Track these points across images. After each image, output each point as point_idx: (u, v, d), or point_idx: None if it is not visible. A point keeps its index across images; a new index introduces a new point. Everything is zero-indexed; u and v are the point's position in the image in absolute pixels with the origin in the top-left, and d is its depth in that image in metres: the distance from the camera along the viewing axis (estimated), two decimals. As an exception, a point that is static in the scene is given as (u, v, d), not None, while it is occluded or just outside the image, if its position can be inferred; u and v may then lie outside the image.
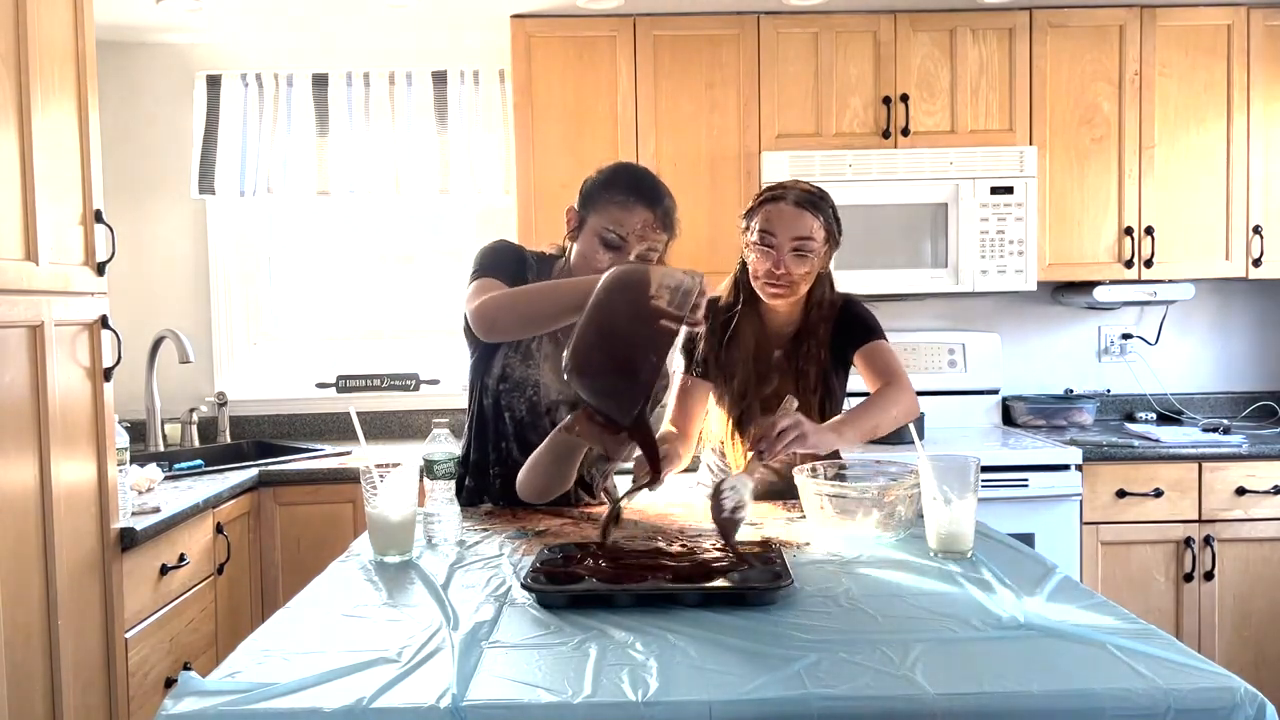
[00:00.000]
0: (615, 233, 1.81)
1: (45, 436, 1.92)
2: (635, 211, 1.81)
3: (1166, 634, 1.18)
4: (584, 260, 1.85)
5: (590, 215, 1.85)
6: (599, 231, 1.82)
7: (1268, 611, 2.99)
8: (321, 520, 2.91)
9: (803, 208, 1.92)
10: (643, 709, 1.00)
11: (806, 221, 1.92)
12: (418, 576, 1.47)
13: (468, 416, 2.02)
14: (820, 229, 1.93)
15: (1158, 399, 3.62)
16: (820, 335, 2.00)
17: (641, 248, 1.83)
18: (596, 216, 1.84)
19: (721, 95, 3.26)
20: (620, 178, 1.87)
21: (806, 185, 1.98)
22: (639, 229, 1.81)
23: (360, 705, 1.00)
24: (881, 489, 1.67)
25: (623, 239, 1.81)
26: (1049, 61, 3.26)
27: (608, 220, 1.82)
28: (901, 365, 1.99)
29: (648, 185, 1.86)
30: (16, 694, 1.82)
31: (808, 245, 1.91)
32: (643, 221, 1.82)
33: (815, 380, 1.99)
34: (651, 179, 1.89)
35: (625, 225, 1.81)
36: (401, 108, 3.50)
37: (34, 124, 1.92)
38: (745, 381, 2.02)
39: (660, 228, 1.84)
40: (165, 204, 3.56)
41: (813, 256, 1.93)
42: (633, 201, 1.82)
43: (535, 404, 1.94)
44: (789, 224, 1.91)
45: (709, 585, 1.33)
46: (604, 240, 1.82)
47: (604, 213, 1.83)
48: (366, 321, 3.71)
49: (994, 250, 3.18)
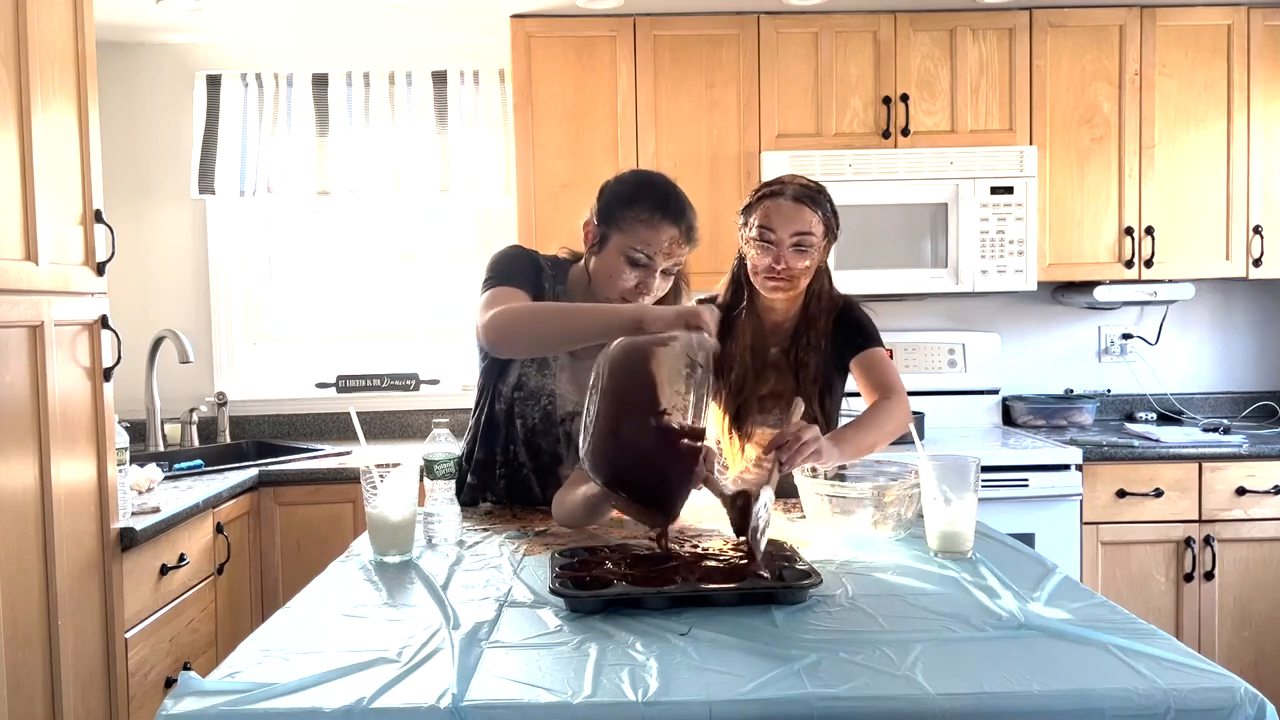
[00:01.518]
0: (644, 253, 1.76)
1: (45, 437, 1.92)
2: (663, 230, 1.76)
3: (1166, 634, 1.18)
4: (608, 277, 1.80)
5: (614, 233, 1.79)
6: (625, 251, 1.77)
7: (1268, 611, 3.00)
8: (321, 520, 2.91)
9: (801, 203, 1.92)
10: (643, 709, 1.00)
11: (805, 216, 1.92)
12: (418, 576, 1.47)
13: (474, 416, 2.00)
14: (819, 223, 1.93)
15: (1158, 399, 3.62)
16: (820, 327, 1.99)
17: (668, 264, 1.79)
18: (621, 235, 1.78)
19: (721, 95, 3.26)
20: (645, 194, 1.80)
21: (804, 180, 1.98)
22: (666, 247, 1.77)
23: (360, 705, 1.00)
24: (881, 489, 1.67)
25: (650, 258, 1.76)
26: (1049, 61, 3.26)
27: (635, 240, 1.76)
28: (898, 375, 1.97)
29: (674, 202, 1.79)
30: (16, 694, 1.82)
31: (807, 240, 1.91)
32: (670, 239, 1.76)
33: (815, 371, 1.98)
34: (676, 193, 1.82)
35: (653, 245, 1.76)
36: (401, 108, 3.50)
37: (34, 124, 1.92)
38: (742, 377, 2.02)
39: (685, 242, 1.80)
40: (165, 204, 3.56)
41: (812, 251, 1.93)
42: (659, 219, 1.76)
43: (550, 413, 1.92)
44: (788, 219, 1.91)
45: (741, 586, 1.32)
46: (631, 260, 1.77)
47: (630, 232, 1.77)
48: (366, 321, 3.71)
49: (994, 250, 3.18)
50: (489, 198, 3.56)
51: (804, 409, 1.72)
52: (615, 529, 1.78)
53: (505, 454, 1.96)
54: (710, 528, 1.76)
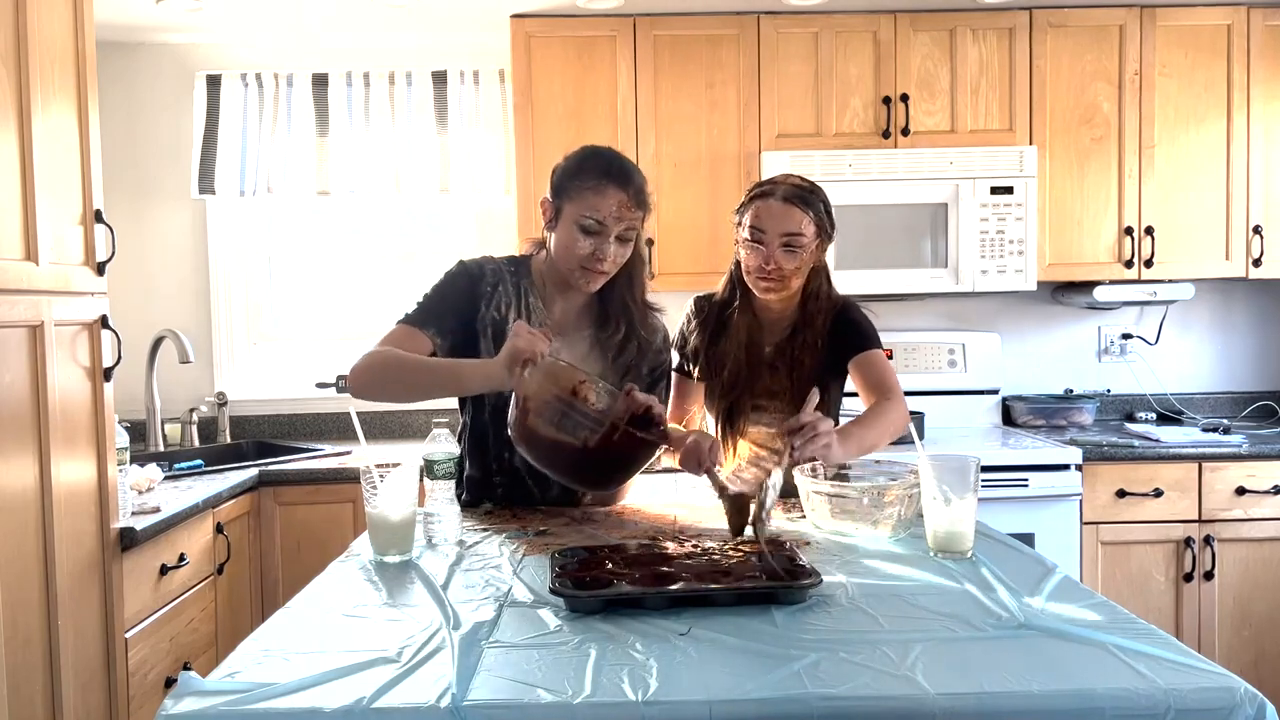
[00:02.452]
0: (593, 218, 1.81)
1: (45, 436, 1.93)
2: (609, 194, 1.82)
3: (1166, 634, 1.18)
4: (565, 249, 1.85)
5: (565, 204, 1.85)
6: (577, 219, 1.82)
7: (1268, 611, 3.00)
8: (321, 520, 2.91)
9: (791, 203, 1.93)
10: (643, 709, 1.00)
11: (796, 217, 1.92)
12: (418, 576, 1.47)
13: (459, 433, 1.97)
14: (810, 224, 1.93)
15: (1158, 399, 3.62)
16: (818, 326, 2.00)
17: (620, 228, 1.84)
18: (572, 205, 1.84)
19: (721, 95, 3.26)
20: (590, 163, 1.86)
21: (797, 180, 1.98)
22: (615, 211, 1.82)
23: (360, 705, 1.00)
24: (881, 489, 1.67)
25: (601, 223, 1.82)
26: (1049, 61, 3.26)
27: (584, 208, 1.82)
28: (896, 377, 1.97)
29: (618, 167, 1.86)
30: (16, 694, 1.82)
31: (797, 240, 1.92)
32: (618, 203, 1.82)
33: (811, 371, 1.98)
34: (620, 159, 1.88)
35: (602, 210, 1.81)
36: (401, 108, 3.50)
37: (34, 124, 1.92)
38: (735, 373, 2.02)
39: (635, 205, 1.85)
40: (165, 204, 3.56)
41: (802, 251, 1.93)
42: (605, 185, 1.82)
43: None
44: (778, 220, 1.92)
45: (741, 586, 1.31)
46: (583, 227, 1.82)
47: (579, 200, 1.83)
48: (367, 321, 3.70)
49: (994, 250, 3.18)
50: (489, 198, 3.56)
51: (819, 399, 1.72)
52: (615, 529, 1.78)
53: (500, 462, 1.93)
54: (709, 527, 1.76)
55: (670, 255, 3.25)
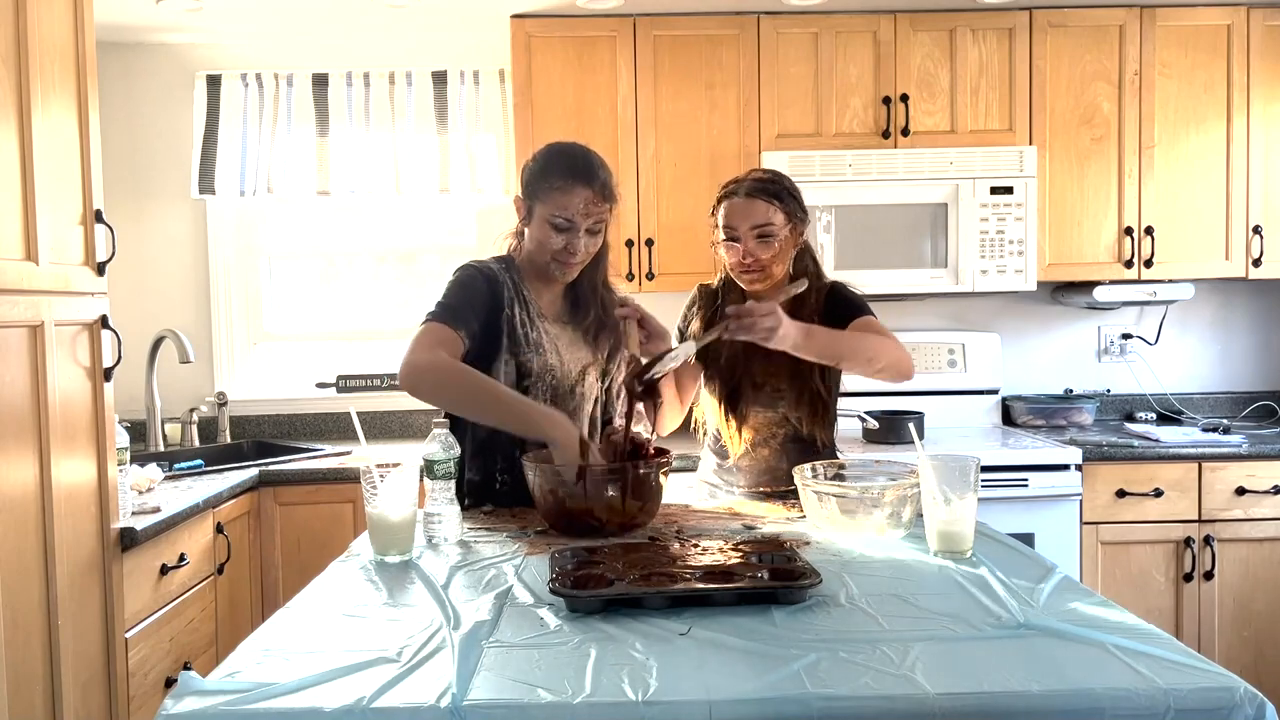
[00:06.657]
0: (562, 217, 1.89)
1: (45, 436, 1.93)
2: (576, 193, 1.88)
3: (1166, 634, 1.18)
4: (539, 246, 1.93)
5: (536, 204, 1.93)
6: (547, 218, 1.90)
7: (1268, 611, 3.00)
8: (321, 520, 2.91)
9: (755, 197, 2.00)
10: (643, 709, 1.00)
11: (761, 209, 1.99)
12: (418, 576, 1.47)
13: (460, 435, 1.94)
14: (778, 212, 1.99)
15: (1158, 399, 3.62)
16: (811, 305, 2.03)
17: (589, 223, 1.91)
18: (542, 205, 1.91)
19: (721, 95, 3.26)
20: (555, 164, 1.92)
21: (760, 173, 2.07)
22: (583, 208, 1.89)
23: (360, 705, 1.00)
24: (881, 489, 1.67)
25: (570, 220, 1.89)
26: (1049, 61, 3.26)
27: (553, 207, 1.89)
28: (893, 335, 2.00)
29: (582, 165, 1.92)
30: (16, 694, 1.82)
31: (768, 230, 1.99)
32: (585, 200, 1.89)
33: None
34: (584, 157, 1.94)
35: (570, 208, 1.89)
36: (401, 108, 3.50)
37: (34, 124, 1.92)
38: (733, 359, 2.05)
39: (601, 200, 1.91)
40: (165, 204, 3.56)
41: (775, 240, 1.99)
42: (571, 183, 1.89)
43: (558, 386, 1.95)
44: (745, 215, 2.00)
45: (741, 585, 1.32)
46: (554, 225, 1.90)
47: (548, 200, 1.90)
48: (367, 321, 3.71)
49: (994, 250, 3.18)
50: (489, 198, 3.56)
51: (805, 286, 1.88)
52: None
53: (508, 460, 1.93)
54: (710, 527, 1.76)
55: (670, 255, 3.25)
